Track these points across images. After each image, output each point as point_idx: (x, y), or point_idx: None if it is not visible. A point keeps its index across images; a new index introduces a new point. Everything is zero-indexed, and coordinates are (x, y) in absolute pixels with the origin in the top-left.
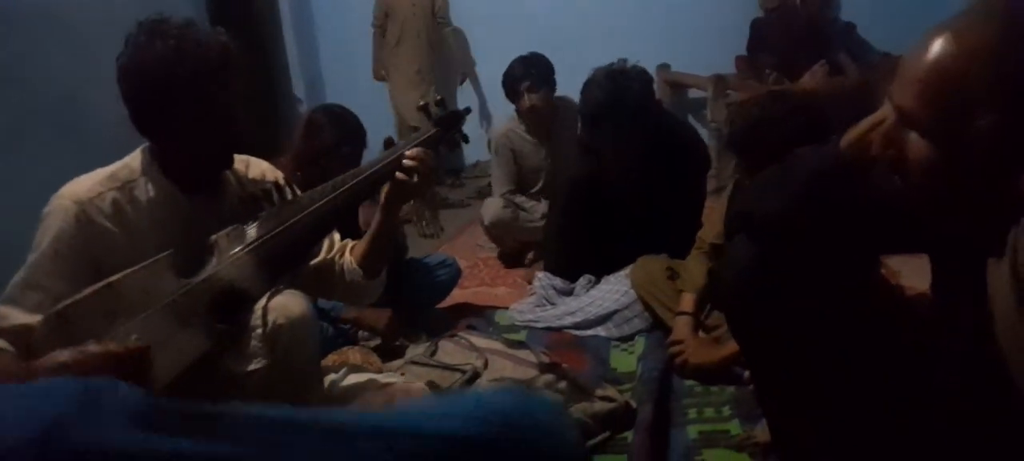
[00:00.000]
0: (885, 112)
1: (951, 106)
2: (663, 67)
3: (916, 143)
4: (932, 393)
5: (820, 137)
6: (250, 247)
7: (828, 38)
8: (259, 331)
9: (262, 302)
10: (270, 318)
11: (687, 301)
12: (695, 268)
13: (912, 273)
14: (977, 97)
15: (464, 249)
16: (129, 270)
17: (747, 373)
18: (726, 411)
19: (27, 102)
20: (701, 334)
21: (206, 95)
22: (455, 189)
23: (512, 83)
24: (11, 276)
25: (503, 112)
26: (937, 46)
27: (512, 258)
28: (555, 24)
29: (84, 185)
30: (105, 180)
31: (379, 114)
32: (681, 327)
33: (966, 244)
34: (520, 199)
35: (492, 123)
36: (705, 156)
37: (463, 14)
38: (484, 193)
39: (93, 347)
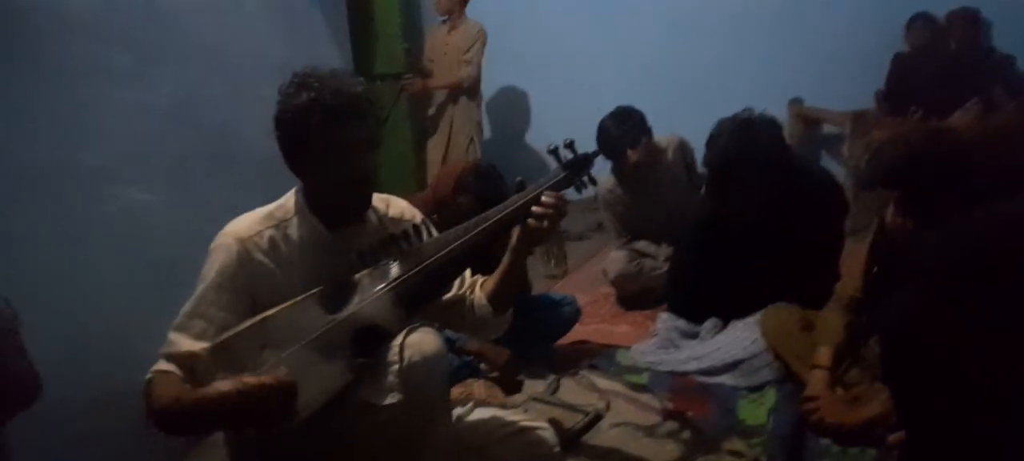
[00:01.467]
0: None
1: None
2: (795, 101)
3: None
4: None
5: (970, 177)
6: (390, 286)
7: (982, 74)
8: (395, 366)
9: (399, 338)
10: (406, 354)
11: (824, 355)
12: (833, 321)
13: None
14: None
15: (584, 283)
16: (282, 306)
17: (892, 437)
18: None
19: (189, 137)
20: (838, 391)
21: (336, 140)
22: (574, 222)
23: (609, 142)
24: (174, 295)
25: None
26: None
27: (633, 301)
28: (684, 58)
29: (245, 223)
30: (263, 219)
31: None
32: (817, 382)
33: None
34: (642, 244)
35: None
36: (841, 199)
37: (593, 57)
38: (603, 226)
39: (250, 379)
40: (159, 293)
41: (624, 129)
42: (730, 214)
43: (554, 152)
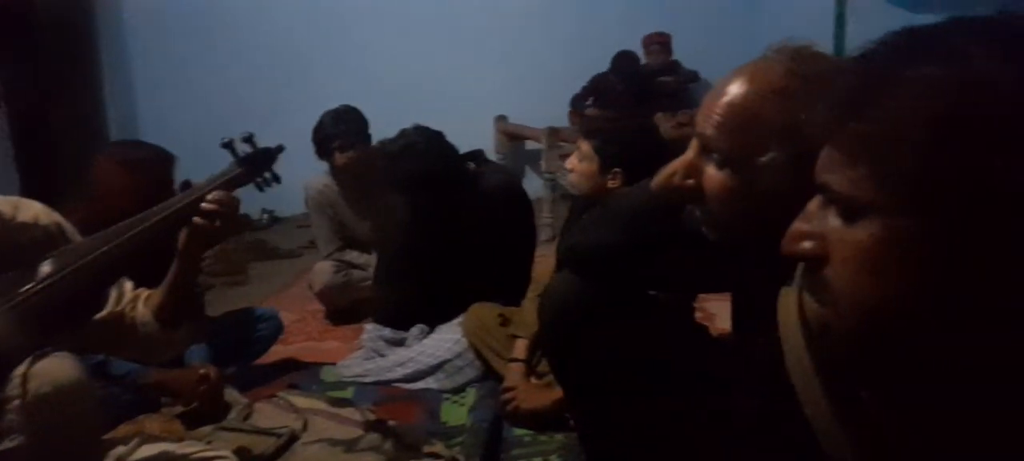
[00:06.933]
0: (693, 148)
1: (744, 139)
2: (500, 118)
3: (713, 172)
4: (735, 418)
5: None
6: (10, 303)
7: (672, 95)
8: (16, 402)
9: (21, 367)
10: (31, 387)
11: (520, 347)
12: (530, 313)
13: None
14: (766, 133)
15: (292, 301)
16: None
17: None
18: (554, 459)
19: None
20: (533, 380)
21: None
22: (286, 238)
23: (323, 140)
24: None
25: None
26: (736, 83)
27: (344, 315)
28: (398, 73)
29: None
30: None
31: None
32: (513, 374)
33: (759, 276)
34: (351, 255)
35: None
36: (524, 201)
37: (305, 58)
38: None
39: None
40: None
41: (338, 130)
42: (422, 222)
43: (229, 145)
